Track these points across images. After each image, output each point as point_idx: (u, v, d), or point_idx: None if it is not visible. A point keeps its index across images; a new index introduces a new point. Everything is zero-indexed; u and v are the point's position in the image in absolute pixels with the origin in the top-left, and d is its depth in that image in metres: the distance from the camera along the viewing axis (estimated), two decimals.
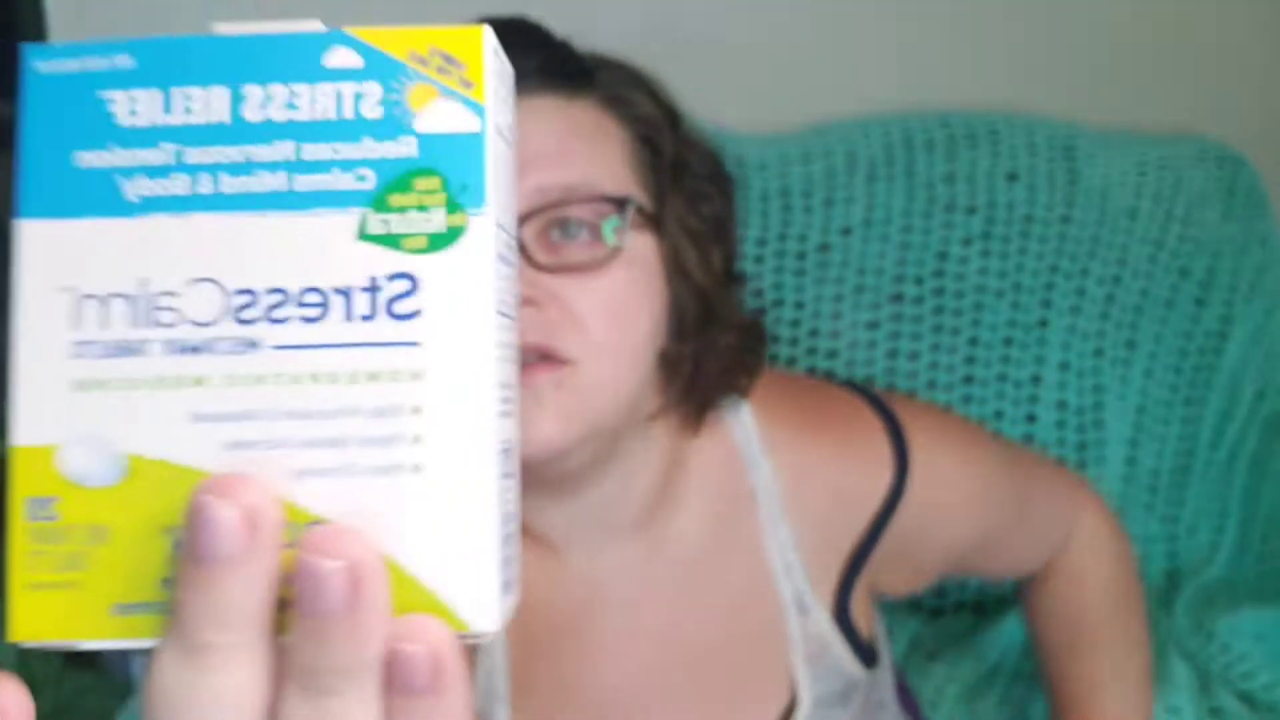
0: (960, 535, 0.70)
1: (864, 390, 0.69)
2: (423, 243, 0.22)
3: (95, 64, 0.23)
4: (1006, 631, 0.94)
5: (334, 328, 0.22)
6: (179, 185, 0.23)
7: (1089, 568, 0.75)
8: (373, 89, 0.23)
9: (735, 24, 1.00)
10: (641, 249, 0.56)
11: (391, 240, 0.22)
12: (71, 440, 0.22)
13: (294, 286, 0.22)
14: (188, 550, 0.21)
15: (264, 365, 0.22)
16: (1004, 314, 0.99)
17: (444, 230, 0.22)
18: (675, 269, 0.59)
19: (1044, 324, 0.99)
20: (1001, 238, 0.99)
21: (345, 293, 0.22)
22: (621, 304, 0.54)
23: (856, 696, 0.67)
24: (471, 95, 0.23)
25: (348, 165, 0.23)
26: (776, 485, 0.64)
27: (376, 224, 0.22)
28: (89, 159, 0.23)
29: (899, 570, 0.68)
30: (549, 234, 0.54)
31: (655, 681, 0.63)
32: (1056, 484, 0.76)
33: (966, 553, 0.71)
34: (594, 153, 0.55)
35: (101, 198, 0.23)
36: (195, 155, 0.23)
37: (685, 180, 0.60)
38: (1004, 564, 0.75)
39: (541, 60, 0.56)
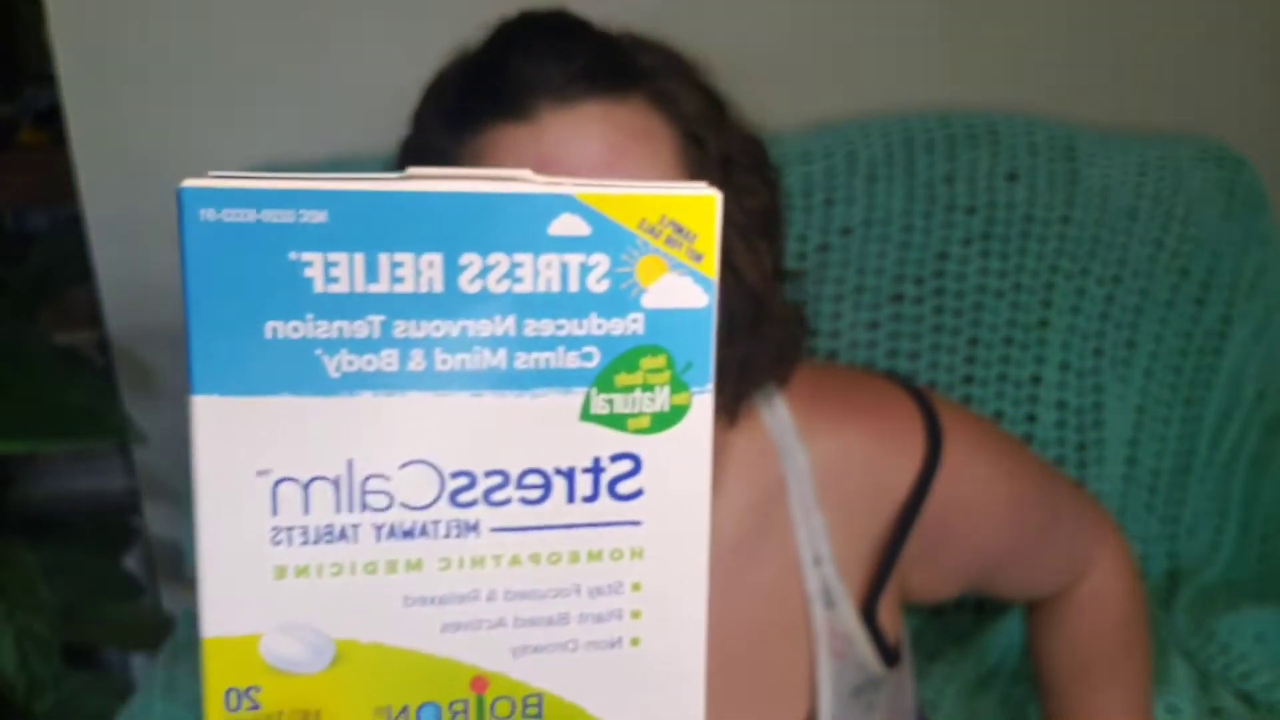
0: (987, 541, 0.69)
1: (904, 381, 0.69)
2: (646, 423, 0.22)
3: (280, 216, 0.20)
4: (1006, 631, 0.94)
5: (555, 509, 0.22)
6: (388, 361, 0.21)
7: (1104, 602, 0.74)
8: (601, 261, 0.21)
9: (735, 24, 1.00)
10: None
11: (616, 421, 0.22)
12: (276, 629, 0.21)
13: (515, 469, 0.22)
14: None
15: (482, 548, 0.22)
16: (1004, 314, 0.99)
17: (668, 410, 0.22)
18: (726, 268, 0.58)
19: (1044, 324, 0.99)
20: (1001, 238, 0.99)
21: (568, 474, 0.22)
22: None
23: (880, 701, 0.67)
24: (701, 269, 0.22)
25: (573, 343, 0.21)
26: (811, 473, 0.64)
27: (601, 404, 0.22)
28: (282, 329, 0.20)
29: (926, 570, 0.67)
30: None
31: None
32: (1085, 512, 0.75)
33: (990, 564, 0.71)
34: (644, 160, 0.54)
35: (300, 374, 0.20)
36: (405, 328, 0.21)
37: (733, 175, 0.59)
38: (1020, 583, 0.74)
39: (588, 60, 0.55)
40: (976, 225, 0.99)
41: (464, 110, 0.56)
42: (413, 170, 0.21)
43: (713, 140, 0.58)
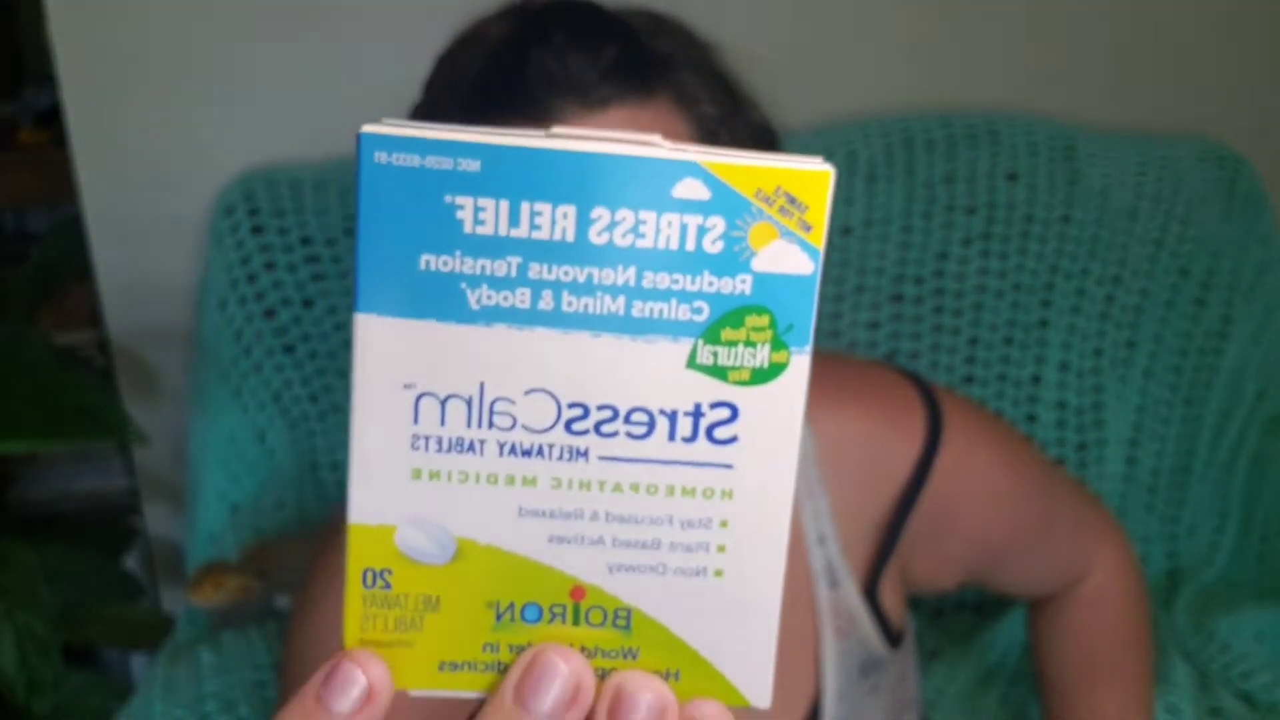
0: (987, 528, 0.69)
1: (907, 370, 0.70)
2: (746, 375, 0.24)
3: (440, 163, 0.22)
4: (1006, 631, 0.94)
5: (657, 446, 0.24)
6: (521, 298, 0.23)
7: (1105, 602, 0.74)
8: (717, 224, 0.23)
9: (734, 24, 1.00)
10: None
11: (718, 371, 0.24)
12: (408, 522, 0.24)
13: (623, 405, 0.24)
14: (516, 691, 0.24)
15: (590, 473, 0.24)
16: (1004, 314, 0.99)
17: (767, 366, 0.24)
18: None
19: (1044, 324, 0.99)
20: (1001, 238, 0.99)
21: (671, 416, 0.24)
22: None
23: (885, 683, 0.67)
24: (809, 238, 0.24)
25: (685, 297, 0.23)
26: (815, 454, 0.64)
27: (706, 355, 0.24)
28: (434, 262, 0.23)
29: (927, 557, 0.68)
30: None
31: None
32: (1087, 511, 0.75)
33: (990, 555, 0.71)
34: None
35: (445, 302, 0.23)
36: (538, 270, 0.23)
37: None
38: (1020, 578, 0.75)
39: (613, 58, 0.53)
40: (976, 225, 0.99)
41: (481, 105, 0.54)
42: (557, 129, 0.23)
43: (729, 140, 0.57)
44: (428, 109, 0.58)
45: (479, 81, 0.55)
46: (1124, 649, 0.74)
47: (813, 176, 0.23)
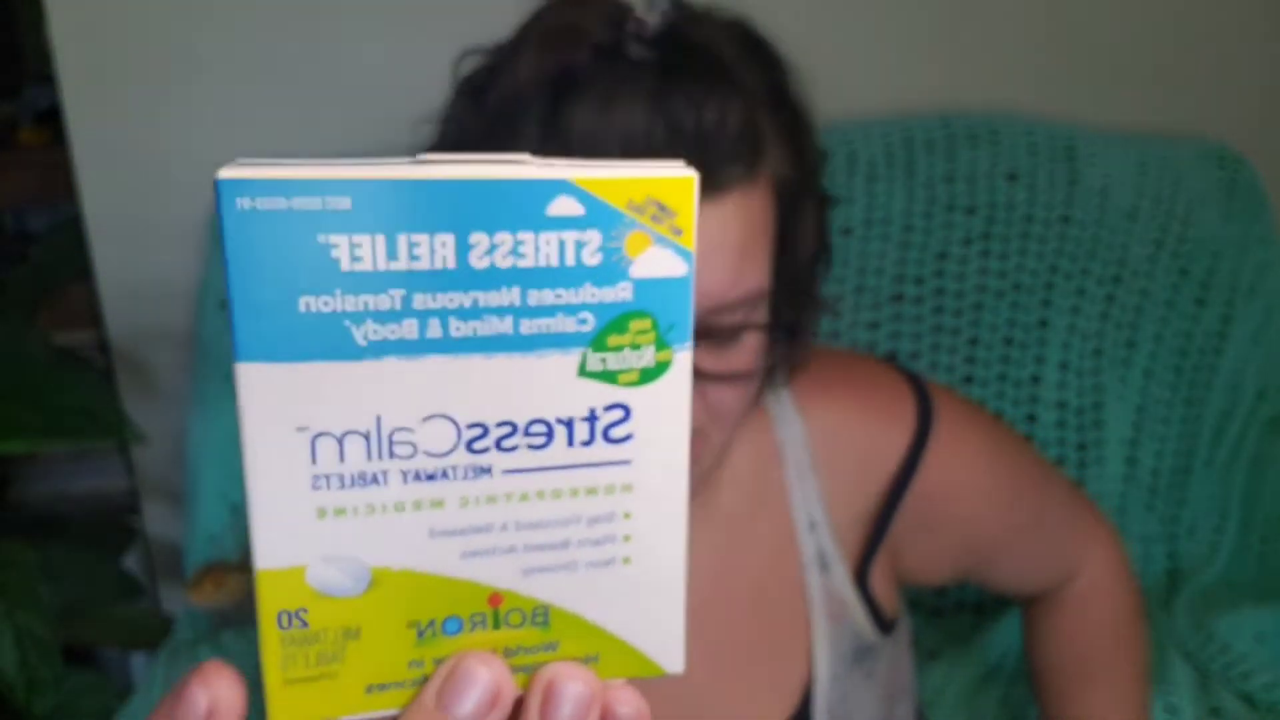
0: (977, 521, 0.70)
1: (901, 365, 0.71)
2: (635, 377, 0.25)
3: (308, 203, 0.22)
4: (1006, 631, 0.94)
5: (557, 453, 0.25)
6: (409, 329, 0.23)
7: (1098, 600, 0.74)
8: (593, 237, 0.24)
9: None
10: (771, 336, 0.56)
11: (609, 376, 0.25)
12: (319, 560, 0.25)
13: (521, 419, 0.25)
14: (438, 696, 0.25)
15: (495, 487, 0.25)
16: (1004, 314, 0.99)
17: (653, 365, 0.25)
18: (779, 329, 0.58)
19: (1044, 324, 0.99)
20: (1001, 238, 0.99)
21: (568, 423, 0.25)
22: (752, 393, 0.57)
23: (879, 670, 0.68)
24: (680, 242, 0.24)
25: (570, 310, 0.24)
26: (807, 442, 0.65)
27: (595, 362, 0.25)
28: (314, 304, 0.23)
29: (918, 548, 0.69)
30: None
31: (691, 638, 0.64)
32: (1079, 509, 0.76)
33: (980, 549, 0.72)
34: (757, 261, 0.52)
35: (330, 342, 0.23)
36: (423, 300, 0.23)
37: (809, 240, 0.58)
38: (1012, 574, 0.75)
39: (738, 129, 0.50)
40: (976, 225, 0.99)
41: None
42: (424, 156, 0.23)
43: (800, 209, 0.56)
44: (506, 86, 0.52)
45: (593, 107, 0.49)
46: (1118, 647, 0.74)
47: (678, 183, 0.24)
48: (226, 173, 0.22)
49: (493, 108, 0.52)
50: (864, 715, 0.67)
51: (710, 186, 0.50)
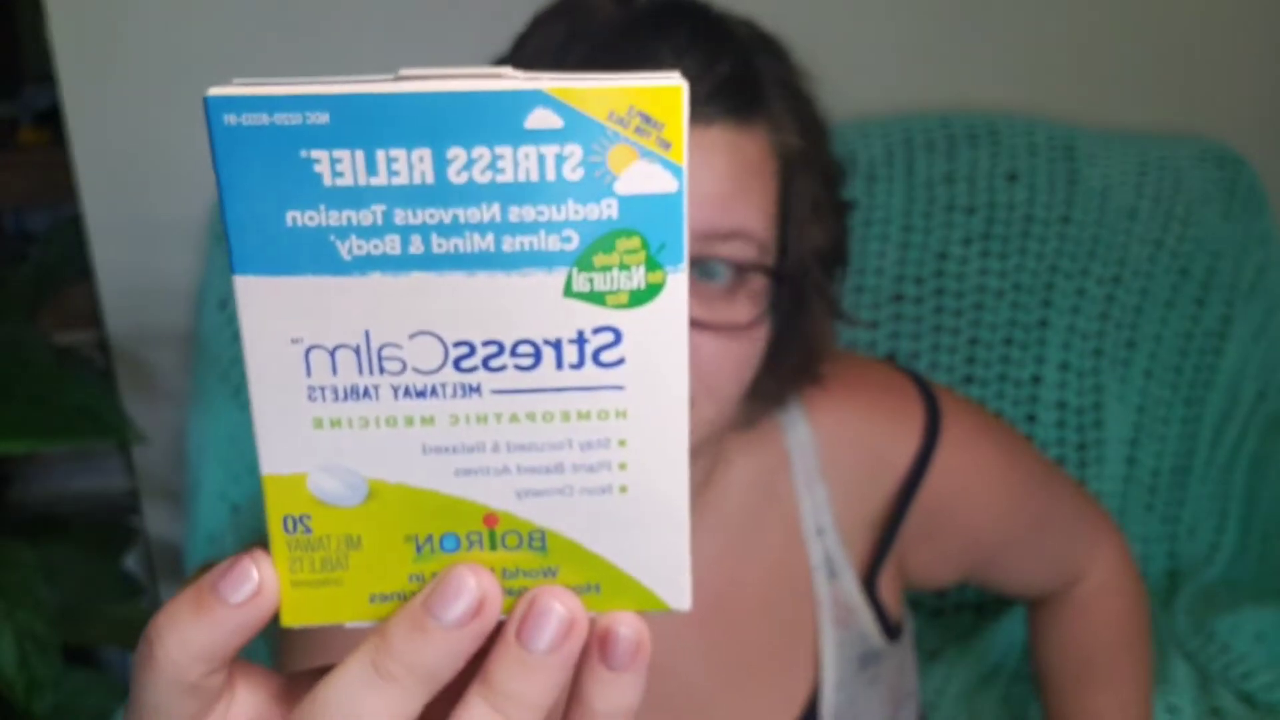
0: (985, 524, 0.70)
1: (906, 367, 0.70)
2: (624, 299, 0.24)
3: (289, 119, 0.22)
4: (1006, 631, 0.94)
5: (547, 374, 0.25)
6: (391, 245, 0.23)
7: (1103, 602, 0.74)
8: (574, 151, 0.23)
9: None
10: (769, 299, 0.55)
11: (596, 297, 0.24)
12: (318, 469, 0.25)
13: (508, 339, 0.24)
14: (425, 602, 0.25)
15: (485, 407, 0.25)
16: (1004, 314, 0.99)
17: (644, 287, 0.24)
18: (791, 309, 0.58)
19: (1044, 324, 0.99)
20: (1001, 238, 0.99)
21: (555, 344, 0.24)
22: (749, 364, 0.55)
23: (884, 675, 0.67)
24: (669, 156, 0.23)
25: (553, 227, 0.24)
26: (814, 447, 0.65)
27: (582, 282, 0.24)
28: (300, 218, 0.23)
29: (925, 552, 0.68)
30: (693, 274, 0.52)
31: (699, 644, 0.64)
32: (1085, 511, 0.75)
33: (987, 552, 0.71)
34: (756, 198, 0.53)
35: (318, 256, 0.23)
36: (404, 216, 0.23)
37: (817, 218, 0.58)
38: (1017, 575, 0.75)
39: (725, 76, 0.52)
40: (976, 225, 0.99)
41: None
42: (404, 71, 0.23)
43: (806, 178, 0.57)
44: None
45: (585, 61, 0.53)
46: (1122, 649, 0.74)
47: (664, 93, 0.23)
48: (215, 90, 0.22)
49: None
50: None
51: (698, 120, 0.51)
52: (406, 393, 0.25)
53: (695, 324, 0.51)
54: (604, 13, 0.54)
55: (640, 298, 0.24)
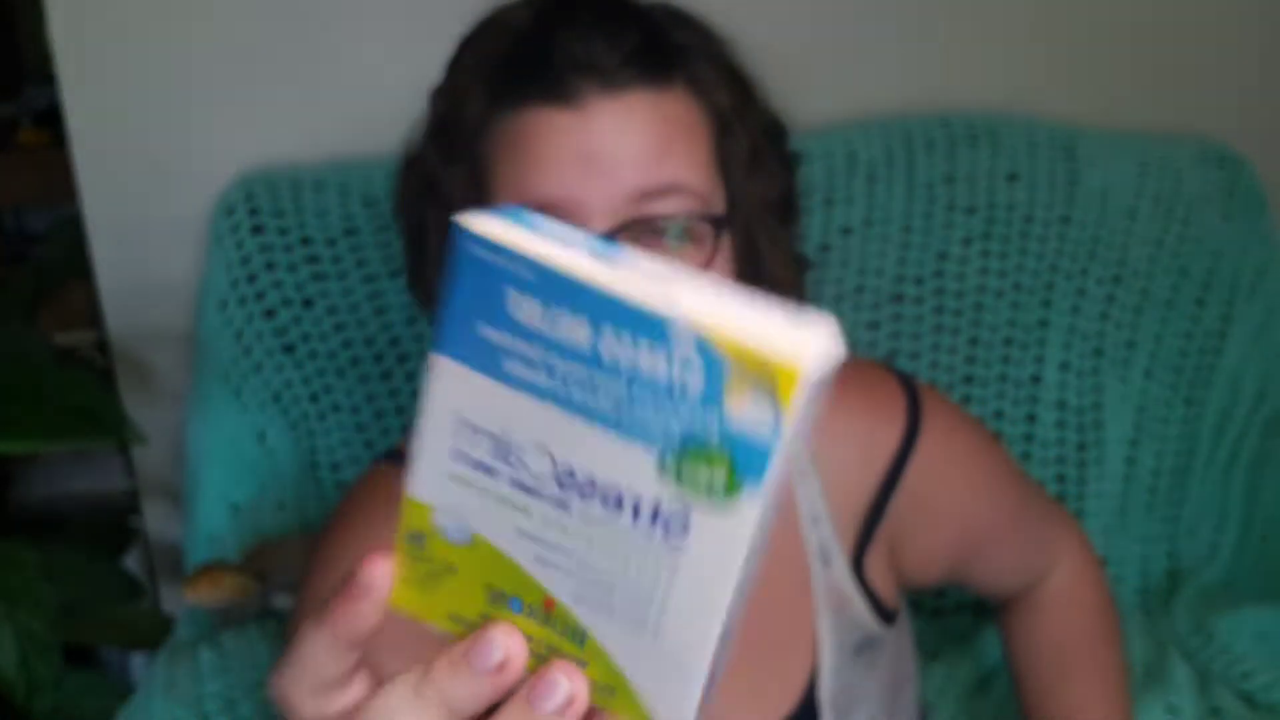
0: (966, 515, 0.72)
1: (886, 364, 0.73)
2: (702, 495, 0.28)
3: (506, 263, 0.28)
4: None
5: (624, 520, 0.30)
6: (542, 379, 0.29)
7: (1070, 594, 0.77)
8: (698, 370, 0.27)
9: (734, 24, 1.00)
10: (723, 249, 0.57)
11: (680, 484, 0.29)
12: (443, 508, 0.32)
13: (601, 482, 0.30)
14: (465, 650, 0.31)
15: (569, 521, 0.30)
16: (1004, 314, 0.99)
17: (721, 496, 0.28)
18: (748, 259, 0.60)
19: (1044, 324, 0.99)
20: (1001, 238, 0.99)
21: (636, 503, 0.29)
22: None
23: (881, 660, 0.69)
24: (778, 408, 0.27)
25: (664, 418, 0.28)
26: (807, 438, 0.66)
27: (671, 469, 0.29)
28: (488, 333, 0.29)
29: (910, 543, 0.70)
30: (641, 236, 0.55)
31: None
32: (1051, 511, 0.79)
33: (970, 542, 0.73)
34: (687, 154, 0.56)
35: (490, 363, 0.30)
36: (558, 363, 0.29)
37: (759, 165, 0.60)
38: (994, 570, 0.77)
39: (636, 43, 0.55)
40: (976, 225, 0.99)
41: (504, 84, 0.56)
42: (613, 255, 0.29)
43: (741, 131, 0.59)
44: (451, 92, 0.60)
45: (504, 63, 0.57)
46: (1093, 640, 0.76)
47: (787, 367, 0.27)
48: (469, 224, 0.28)
49: (445, 88, 0.61)
50: (867, 704, 0.68)
51: (612, 89, 0.54)
52: (517, 484, 0.30)
53: None
54: (517, 19, 0.58)
55: (716, 502, 0.28)
